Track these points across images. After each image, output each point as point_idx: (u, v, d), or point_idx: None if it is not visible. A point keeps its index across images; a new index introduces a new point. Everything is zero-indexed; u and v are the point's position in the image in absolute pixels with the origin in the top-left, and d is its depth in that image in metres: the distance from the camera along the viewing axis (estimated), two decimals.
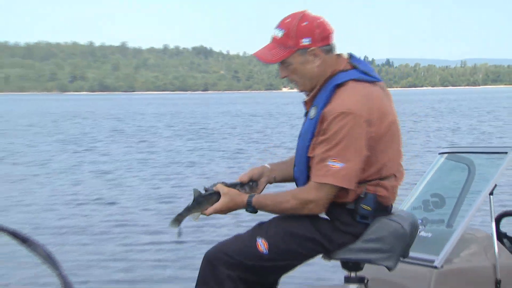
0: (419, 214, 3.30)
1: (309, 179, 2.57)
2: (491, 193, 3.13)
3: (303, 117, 2.71)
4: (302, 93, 2.70)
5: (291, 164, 2.77)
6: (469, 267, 3.03)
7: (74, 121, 40.56)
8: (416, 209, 3.38)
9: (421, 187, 3.50)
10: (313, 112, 2.59)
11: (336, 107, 2.48)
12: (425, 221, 3.23)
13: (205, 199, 2.65)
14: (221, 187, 2.66)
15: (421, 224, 2.86)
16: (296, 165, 2.69)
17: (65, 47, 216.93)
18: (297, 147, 2.67)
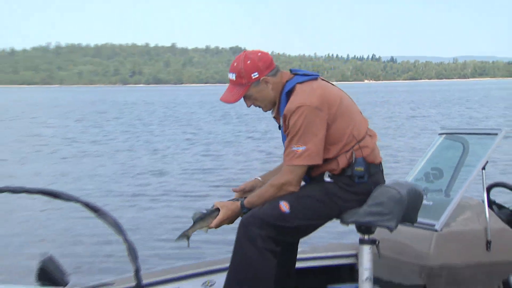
0: (421, 184, 3.28)
1: None
2: (484, 168, 3.10)
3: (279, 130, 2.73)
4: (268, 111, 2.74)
5: (279, 170, 2.74)
6: (464, 230, 3.02)
7: (133, 108, 40.92)
8: (418, 180, 3.38)
9: (423, 162, 3.49)
10: (282, 122, 2.62)
11: (291, 105, 2.54)
12: (426, 191, 3.23)
13: (208, 215, 2.64)
14: (218, 203, 2.68)
15: (423, 193, 2.81)
16: None
17: (126, 48, 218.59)
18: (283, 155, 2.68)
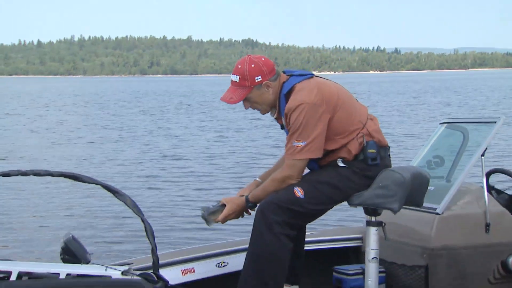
0: None
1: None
2: (483, 155, 3.07)
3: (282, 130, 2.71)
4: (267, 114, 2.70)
5: (278, 166, 2.72)
6: (464, 213, 3.00)
7: (152, 97, 40.97)
8: (421, 167, 3.32)
9: (425, 150, 3.47)
10: (284, 120, 2.59)
11: (291, 104, 2.52)
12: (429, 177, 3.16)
13: (216, 210, 2.64)
14: (224, 199, 2.66)
15: (429, 177, 2.80)
16: None
17: (145, 40, 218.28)
18: None
